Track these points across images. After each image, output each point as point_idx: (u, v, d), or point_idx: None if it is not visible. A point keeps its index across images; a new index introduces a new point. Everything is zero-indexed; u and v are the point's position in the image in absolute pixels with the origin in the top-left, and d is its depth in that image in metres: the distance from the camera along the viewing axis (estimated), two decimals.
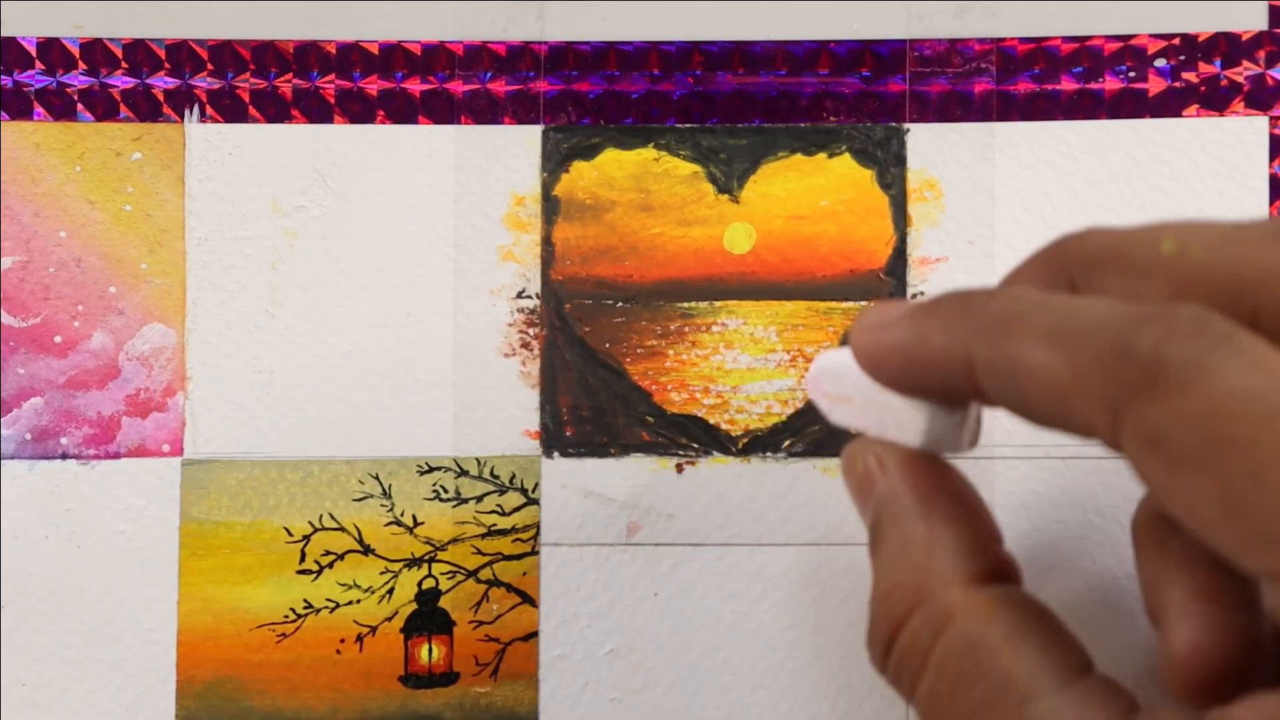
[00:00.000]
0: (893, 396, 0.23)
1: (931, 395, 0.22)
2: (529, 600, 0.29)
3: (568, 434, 0.29)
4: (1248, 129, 0.29)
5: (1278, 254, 0.19)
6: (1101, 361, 0.18)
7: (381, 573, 0.29)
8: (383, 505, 0.29)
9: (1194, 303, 0.19)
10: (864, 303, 0.29)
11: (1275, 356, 0.18)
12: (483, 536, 0.29)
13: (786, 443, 0.29)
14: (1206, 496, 0.17)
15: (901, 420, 0.23)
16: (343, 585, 0.29)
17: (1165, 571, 0.22)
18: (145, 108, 0.30)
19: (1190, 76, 0.29)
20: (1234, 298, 0.19)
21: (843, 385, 0.24)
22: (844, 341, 0.27)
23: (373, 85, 0.30)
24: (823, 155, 0.30)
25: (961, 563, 0.22)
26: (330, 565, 0.29)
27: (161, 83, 0.30)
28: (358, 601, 0.29)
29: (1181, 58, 0.29)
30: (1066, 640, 0.21)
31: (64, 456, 0.29)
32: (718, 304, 0.30)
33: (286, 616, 0.29)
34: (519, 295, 0.30)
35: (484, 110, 0.30)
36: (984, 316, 0.21)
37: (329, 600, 0.29)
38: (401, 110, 0.30)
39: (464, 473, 0.29)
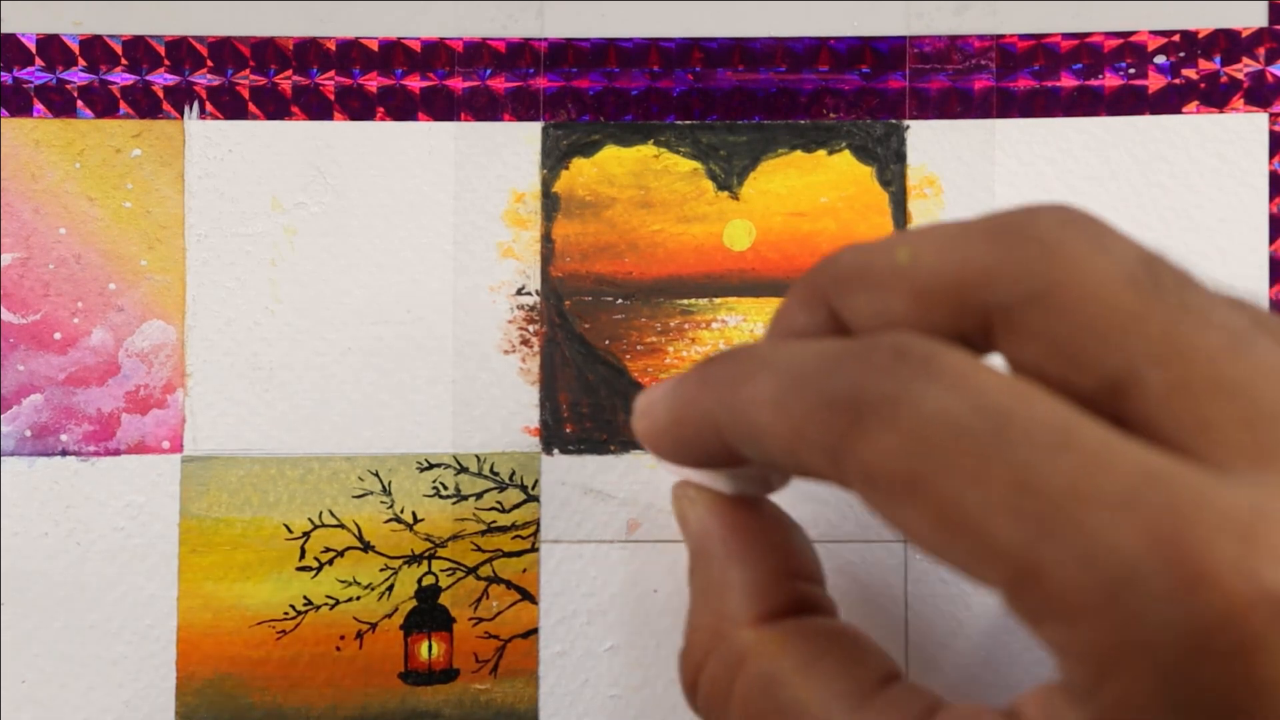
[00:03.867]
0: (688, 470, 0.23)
1: (712, 465, 0.23)
2: (529, 597, 0.29)
3: (568, 431, 0.29)
4: (1248, 126, 0.29)
5: (994, 252, 0.18)
6: (812, 413, 0.18)
7: (381, 569, 0.29)
8: (382, 502, 0.29)
9: (903, 328, 0.19)
10: None
11: (976, 372, 0.17)
12: (482, 533, 0.29)
13: None
14: (924, 524, 0.17)
15: (709, 478, 0.23)
16: (342, 582, 0.29)
17: None
18: (145, 104, 0.30)
19: (1190, 73, 0.29)
20: (964, 300, 0.19)
21: None
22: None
23: (372, 82, 0.30)
24: (823, 152, 0.30)
25: (751, 603, 0.22)
26: (330, 562, 0.29)
27: (161, 79, 0.30)
28: (357, 598, 0.29)
29: (1181, 54, 0.29)
30: (865, 657, 0.21)
31: (64, 453, 0.29)
32: (718, 301, 0.30)
33: (286, 613, 0.29)
34: (519, 292, 0.30)
35: (484, 107, 0.30)
36: (718, 385, 0.21)
37: (329, 597, 0.29)
38: (401, 107, 0.30)
39: (464, 469, 0.29)
